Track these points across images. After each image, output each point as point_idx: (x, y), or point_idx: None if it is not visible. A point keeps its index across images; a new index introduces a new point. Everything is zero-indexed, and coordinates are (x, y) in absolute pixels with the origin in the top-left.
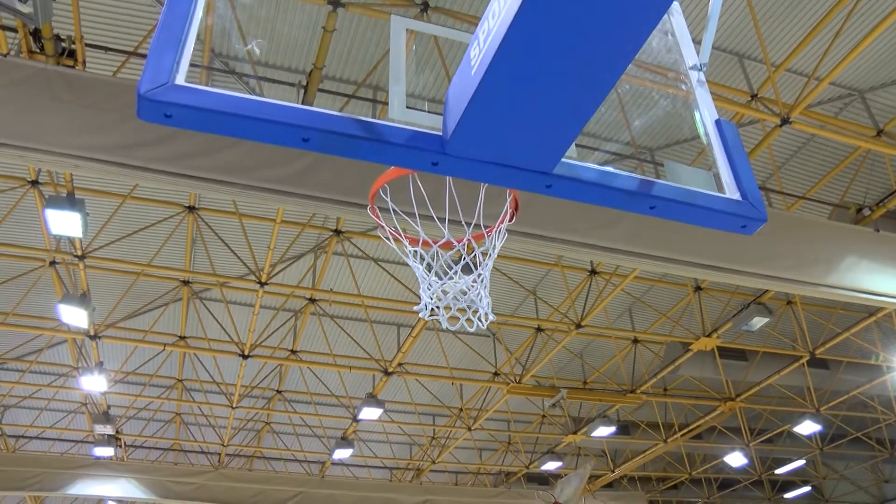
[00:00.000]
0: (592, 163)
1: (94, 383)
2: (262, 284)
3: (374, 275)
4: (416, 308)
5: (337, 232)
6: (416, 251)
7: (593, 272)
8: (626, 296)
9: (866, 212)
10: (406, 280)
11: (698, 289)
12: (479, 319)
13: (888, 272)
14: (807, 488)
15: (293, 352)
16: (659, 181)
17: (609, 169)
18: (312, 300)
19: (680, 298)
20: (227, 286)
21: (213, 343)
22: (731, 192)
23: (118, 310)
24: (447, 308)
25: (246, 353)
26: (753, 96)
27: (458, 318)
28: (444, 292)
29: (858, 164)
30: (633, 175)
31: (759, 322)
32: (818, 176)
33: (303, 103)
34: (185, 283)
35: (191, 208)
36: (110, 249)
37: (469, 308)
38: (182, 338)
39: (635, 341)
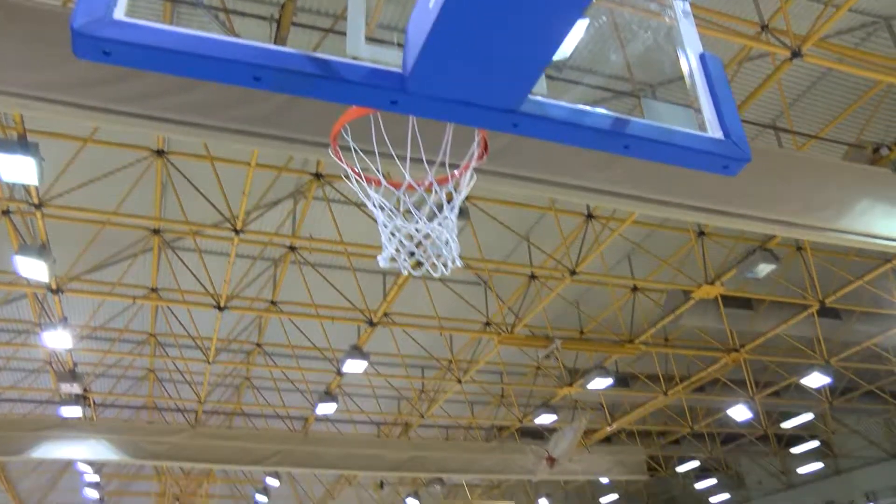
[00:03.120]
0: (566, 100)
1: (57, 340)
2: (237, 232)
3: (357, 220)
4: (379, 258)
5: (317, 175)
6: (378, 196)
7: (590, 216)
8: (624, 241)
9: (884, 151)
10: None
11: (701, 234)
12: (444, 265)
13: None
14: (815, 443)
15: (273, 303)
16: (634, 119)
17: (580, 106)
18: (292, 248)
19: (682, 244)
20: (201, 235)
21: (187, 295)
22: (713, 131)
23: (82, 261)
24: (411, 254)
25: (222, 304)
26: (763, 27)
27: (423, 265)
28: (409, 238)
29: (878, 100)
30: (607, 113)
31: (765, 269)
32: (833, 114)
33: (276, 38)
34: (156, 231)
35: (159, 152)
36: (71, 197)
37: (435, 254)
38: (153, 290)
39: (634, 289)
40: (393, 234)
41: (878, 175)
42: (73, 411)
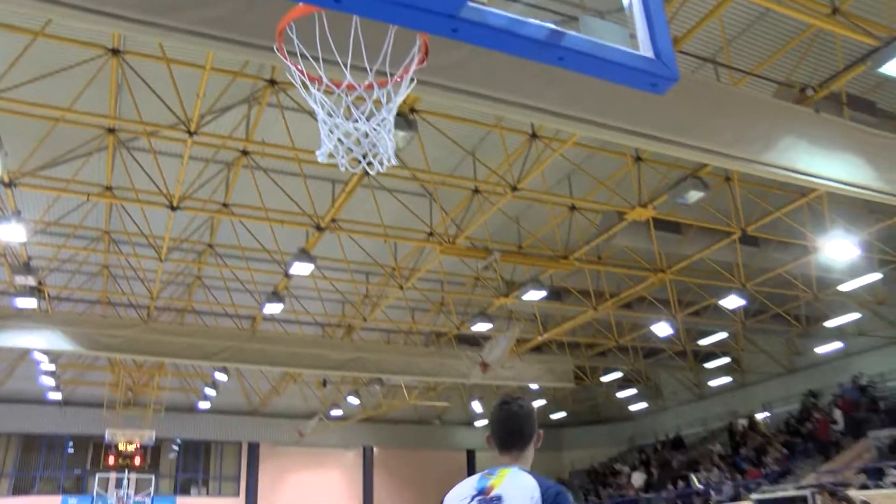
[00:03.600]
0: (503, 9)
1: (11, 233)
2: (191, 134)
3: (309, 127)
4: (317, 153)
5: (272, 82)
6: (319, 94)
7: (533, 136)
8: (565, 162)
9: (809, 92)
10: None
11: (638, 159)
12: (381, 162)
13: (823, 154)
14: (726, 359)
15: (224, 205)
16: (571, 32)
17: (519, 16)
18: (245, 152)
19: (619, 168)
20: (156, 136)
21: (141, 194)
22: (645, 50)
23: (37, 157)
24: (349, 151)
25: (175, 204)
26: None
27: (360, 162)
28: (347, 135)
29: (809, 44)
30: (544, 24)
31: (694, 196)
32: (768, 53)
33: None
34: (111, 130)
35: (114, 51)
36: (23, 91)
37: (371, 152)
38: (108, 188)
39: (572, 208)
40: (332, 132)
41: (803, 114)
42: (28, 303)
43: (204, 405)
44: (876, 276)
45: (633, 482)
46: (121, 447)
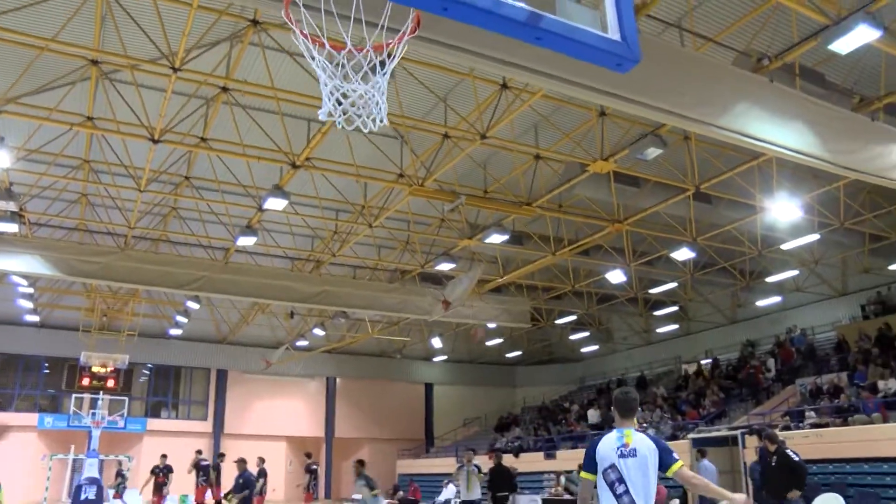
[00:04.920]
0: None
1: None
2: (175, 70)
3: (288, 68)
4: (319, 112)
5: (254, 22)
6: (321, 58)
7: (504, 86)
8: (533, 113)
9: (765, 61)
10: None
11: (602, 114)
12: (374, 122)
13: (775, 121)
14: (674, 308)
15: (203, 139)
16: (547, 14)
17: None
18: (225, 89)
19: (584, 121)
20: (139, 69)
21: (122, 126)
22: (613, 33)
23: (20, 85)
24: (345, 112)
25: (156, 137)
26: None
27: (355, 120)
28: (345, 96)
29: (768, 15)
30: (524, 6)
31: (653, 152)
32: (729, 21)
33: None
34: (94, 62)
35: None
36: (8, 19)
37: (365, 111)
38: (90, 118)
39: (537, 157)
40: (332, 93)
41: (758, 82)
42: (8, 227)
43: (175, 332)
44: (814, 237)
45: (588, 419)
46: (95, 370)
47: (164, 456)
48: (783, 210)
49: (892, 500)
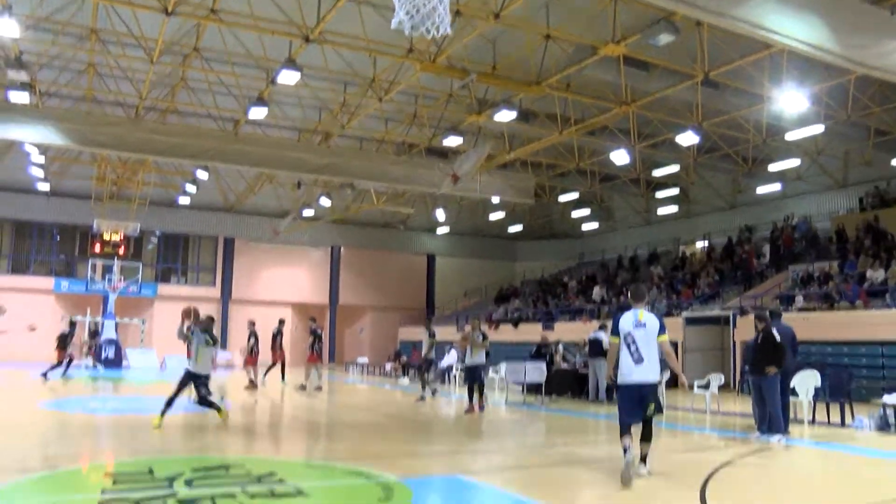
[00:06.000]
0: None
1: (4, 27)
2: None
3: None
4: (393, 22)
5: None
6: None
7: None
8: None
9: None
10: None
11: None
12: (437, 29)
13: (788, 13)
14: (675, 190)
15: (213, 10)
16: None
17: None
18: None
19: (597, 3)
20: None
21: None
22: None
23: None
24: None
25: (170, 9)
26: None
27: (420, 28)
28: (417, 9)
29: None
30: None
31: (665, 38)
32: None
33: None
34: None
35: None
36: None
37: (430, 21)
38: None
39: (548, 37)
40: (402, 4)
41: None
42: (20, 97)
43: (184, 200)
44: (819, 129)
45: (593, 296)
46: (106, 237)
47: (282, 320)
48: (790, 100)
49: (864, 379)
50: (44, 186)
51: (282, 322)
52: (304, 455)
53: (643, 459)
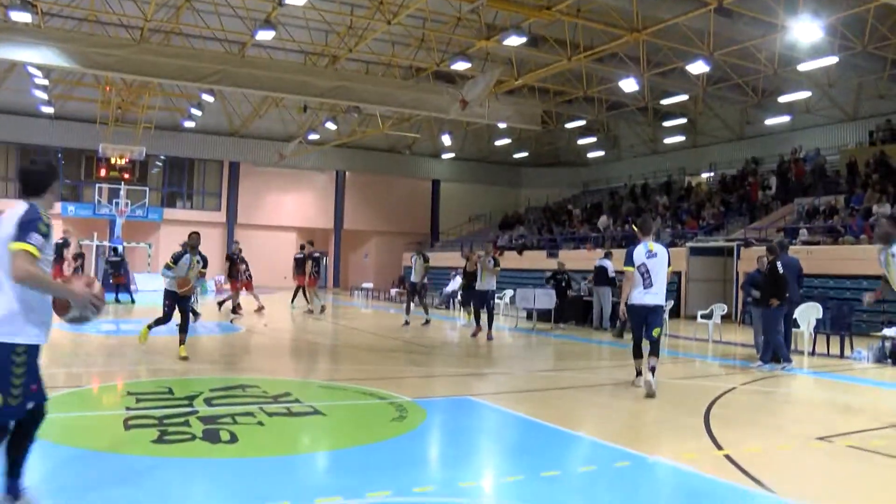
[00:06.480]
0: None
1: None
2: None
3: None
4: None
5: None
6: None
7: None
8: None
9: None
10: None
11: None
12: None
13: None
14: (683, 120)
15: None
16: None
17: None
18: None
19: None
20: None
21: None
22: None
23: None
24: None
25: None
26: None
27: None
28: None
29: None
30: None
31: None
32: None
33: None
34: None
35: None
36: None
37: None
38: None
39: None
40: None
41: None
42: (21, 16)
43: (189, 124)
44: (833, 60)
45: (600, 224)
46: (112, 161)
47: (304, 245)
48: (805, 30)
49: (864, 312)
50: (48, 110)
51: (307, 245)
52: (315, 376)
53: (651, 371)
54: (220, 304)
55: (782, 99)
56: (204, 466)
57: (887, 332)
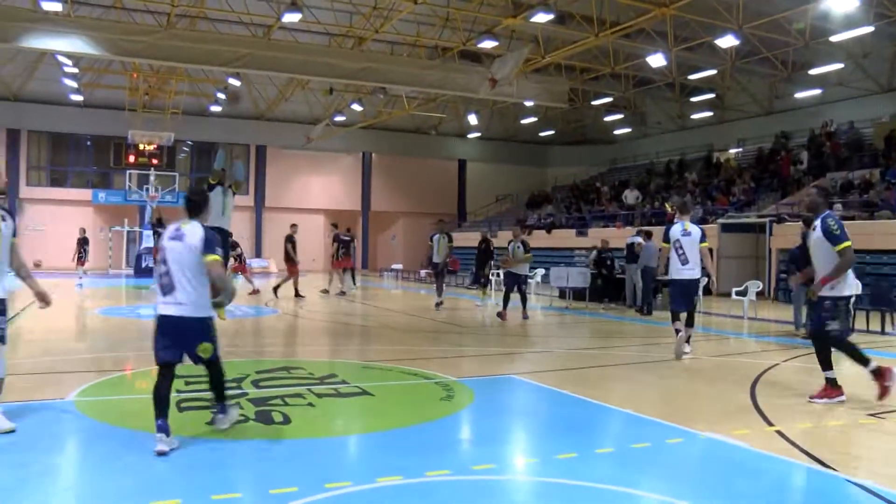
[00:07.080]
0: None
1: None
2: None
3: None
4: None
5: None
6: None
7: None
8: None
9: None
10: None
11: None
12: None
13: None
14: (710, 95)
15: None
16: None
17: None
18: None
19: None
20: None
21: None
22: None
23: None
24: None
25: None
26: None
27: None
28: None
29: None
30: None
31: None
32: None
33: None
34: None
35: None
36: None
37: None
38: None
39: None
40: None
41: None
42: (52, 5)
43: (215, 109)
44: (868, 29)
45: (627, 200)
46: (140, 147)
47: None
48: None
49: None
50: (77, 98)
51: (348, 230)
52: (357, 357)
53: (687, 341)
54: (276, 288)
55: (813, 71)
56: (260, 448)
57: None
